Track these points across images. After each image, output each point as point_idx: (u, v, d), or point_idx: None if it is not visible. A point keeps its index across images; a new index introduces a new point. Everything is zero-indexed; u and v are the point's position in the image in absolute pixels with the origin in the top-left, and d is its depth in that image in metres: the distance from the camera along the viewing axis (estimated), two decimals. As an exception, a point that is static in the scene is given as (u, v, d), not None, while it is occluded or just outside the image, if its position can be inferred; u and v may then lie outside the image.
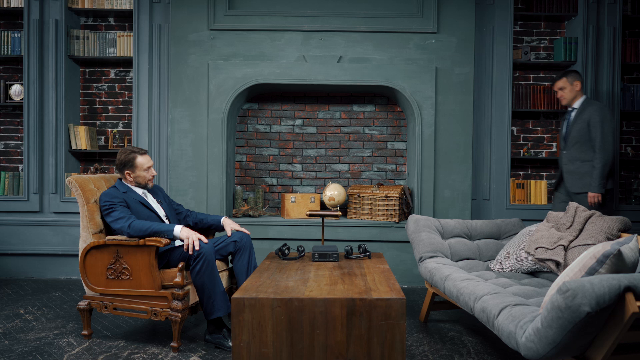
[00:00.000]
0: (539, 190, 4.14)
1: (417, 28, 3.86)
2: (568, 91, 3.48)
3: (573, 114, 3.49)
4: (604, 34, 4.04)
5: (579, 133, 3.38)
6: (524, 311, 1.89)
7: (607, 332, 1.57)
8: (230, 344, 2.51)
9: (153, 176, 2.81)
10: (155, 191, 2.93)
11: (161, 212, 2.82)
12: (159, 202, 2.88)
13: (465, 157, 3.90)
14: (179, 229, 2.56)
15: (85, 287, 2.63)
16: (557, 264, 2.46)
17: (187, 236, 2.53)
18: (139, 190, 2.80)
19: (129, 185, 2.78)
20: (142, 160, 2.75)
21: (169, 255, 2.61)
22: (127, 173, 2.75)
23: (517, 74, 4.30)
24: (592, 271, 1.69)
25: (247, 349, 2.07)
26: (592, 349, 1.63)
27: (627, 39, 4.15)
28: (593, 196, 3.30)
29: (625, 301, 1.49)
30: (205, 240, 2.59)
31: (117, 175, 3.01)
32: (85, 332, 2.65)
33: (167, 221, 2.82)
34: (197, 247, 2.50)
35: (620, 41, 4.03)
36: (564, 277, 1.77)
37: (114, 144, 4.20)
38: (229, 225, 2.92)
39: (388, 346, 2.08)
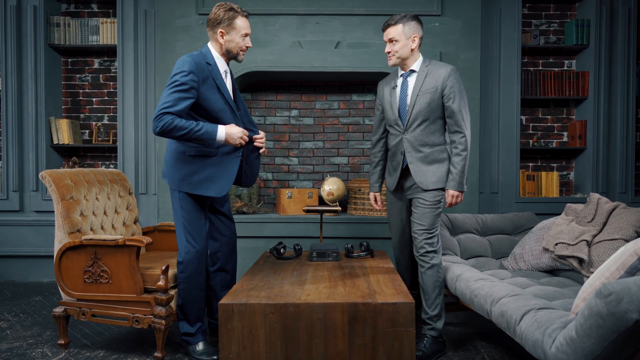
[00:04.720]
0: (550, 182, 3.90)
1: (420, 10, 3.62)
2: (401, 46, 2.34)
3: (411, 80, 2.41)
4: (619, 16, 3.80)
5: (428, 107, 2.34)
6: (550, 316, 1.66)
7: (656, 342, 1.34)
8: (197, 347, 2.30)
9: (247, 48, 2.31)
10: (232, 81, 2.41)
11: (234, 106, 2.30)
12: (233, 91, 2.38)
13: (472, 147, 3.65)
14: (222, 134, 2.16)
15: (62, 292, 2.39)
16: (581, 261, 2.23)
17: (232, 141, 2.19)
18: (222, 67, 2.29)
19: (216, 53, 2.28)
20: (241, 23, 2.24)
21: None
22: (220, 33, 2.23)
23: (526, 60, 4.06)
24: (633, 270, 1.46)
25: (236, 361, 1.84)
26: (635, 361, 1.40)
27: (643, 21, 3.92)
28: (456, 195, 2.34)
29: (678, 306, 1.26)
30: (246, 137, 2.25)
31: (104, 170, 2.77)
32: (62, 342, 2.42)
33: (232, 121, 2.27)
34: (244, 143, 2.23)
35: (636, 23, 3.80)
36: (599, 276, 1.54)
37: (99, 138, 3.96)
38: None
39: (395, 356, 1.86)
